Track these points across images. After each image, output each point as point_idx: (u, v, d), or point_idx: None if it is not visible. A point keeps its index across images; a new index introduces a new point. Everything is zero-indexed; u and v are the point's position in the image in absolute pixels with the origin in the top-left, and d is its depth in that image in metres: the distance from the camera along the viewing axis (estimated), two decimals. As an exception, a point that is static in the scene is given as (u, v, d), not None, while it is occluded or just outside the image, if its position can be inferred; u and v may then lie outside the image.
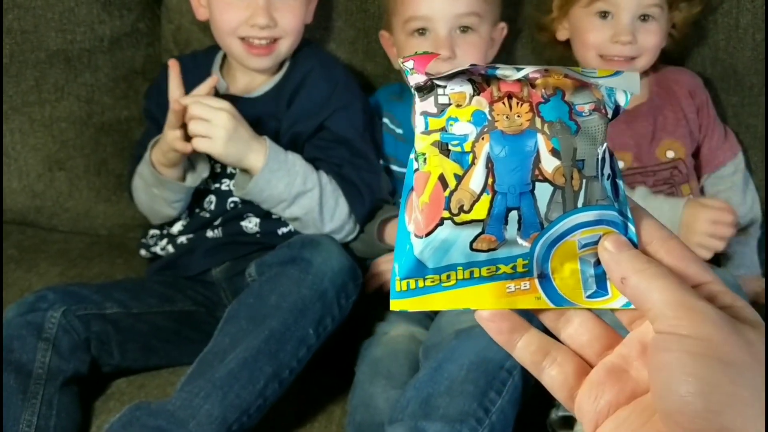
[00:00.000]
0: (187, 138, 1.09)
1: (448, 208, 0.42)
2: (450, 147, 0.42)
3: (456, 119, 0.42)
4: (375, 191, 1.19)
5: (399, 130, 1.25)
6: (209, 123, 1.07)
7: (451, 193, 0.41)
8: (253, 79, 1.23)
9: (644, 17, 1.19)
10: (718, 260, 1.19)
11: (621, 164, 1.20)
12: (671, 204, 1.12)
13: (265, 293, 1.00)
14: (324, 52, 1.29)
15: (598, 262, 0.42)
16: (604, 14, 1.19)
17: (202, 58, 1.28)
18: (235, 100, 1.21)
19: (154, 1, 1.39)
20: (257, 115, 1.19)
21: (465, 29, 1.17)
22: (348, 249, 1.15)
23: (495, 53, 1.24)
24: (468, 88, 0.43)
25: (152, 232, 1.25)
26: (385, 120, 1.26)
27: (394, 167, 1.25)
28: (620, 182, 0.43)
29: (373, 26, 1.31)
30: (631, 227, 0.42)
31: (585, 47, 1.21)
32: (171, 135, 1.09)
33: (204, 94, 1.10)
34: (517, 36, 1.33)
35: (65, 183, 1.39)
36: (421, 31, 1.17)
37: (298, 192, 1.12)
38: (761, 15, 1.27)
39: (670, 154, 1.23)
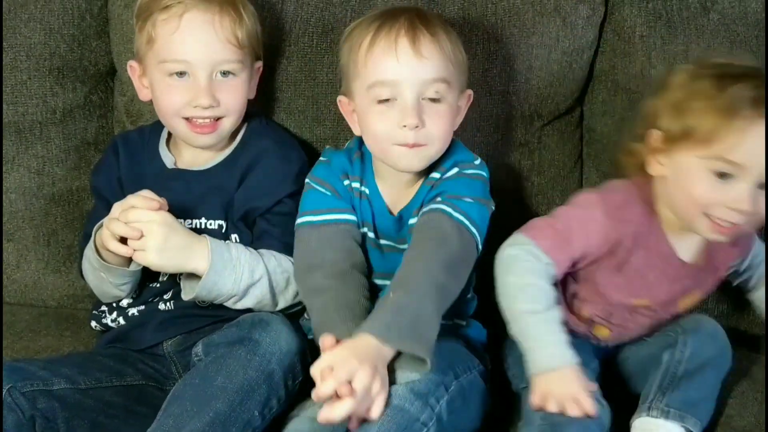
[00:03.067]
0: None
1: None
2: None
3: None
4: None
5: (365, 189, 1.18)
6: (144, 233, 1.07)
7: None
8: (200, 153, 1.25)
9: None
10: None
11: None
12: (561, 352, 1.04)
13: (211, 374, 0.99)
14: (280, 131, 1.31)
15: None
16: (722, 175, 1.03)
17: (148, 134, 1.29)
18: (183, 174, 1.23)
19: (108, 73, 1.41)
20: (205, 187, 1.20)
21: (434, 100, 1.10)
22: (300, 328, 1.14)
23: (461, 122, 1.20)
24: None
25: (103, 305, 1.24)
26: (354, 183, 1.17)
27: (369, 232, 1.17)
28: None
29: (322, 93, 1.34)
30: None
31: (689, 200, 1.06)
32: (111, 244, 1.09)
33: (145, 200, 1.08)
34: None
35: (13, 254, 1.38)
36: (387, 100, 1.09)
37: (248, 285, 1.12)
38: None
39: (684, 305, 1.18)
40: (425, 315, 0.99)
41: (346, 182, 1.18)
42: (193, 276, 1.12)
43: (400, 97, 1.08)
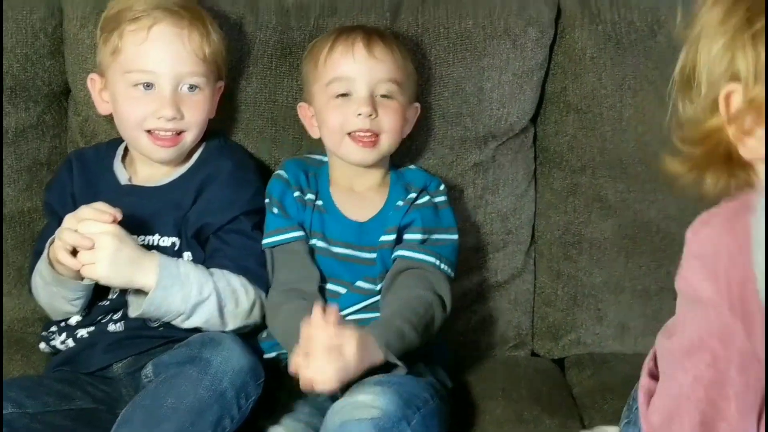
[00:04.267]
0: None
1: None
2: None
3: None
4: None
5: (319, 202, 1.25)
6: (94, 247, 1.07)
7: None
8: (157, 170, 1.25)
9: None
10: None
11: None
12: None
13: (161, 395, 0.98)
14: (239, 152, 1.31)
15: None
16: None
17: (104, 151, 1.29)
18: (137, 190, 1.23)
19: (62, 93, 1.39)
20: (159, 203, 1.20)
21: (385, 96, 1.20)
22: (252, 345, 1.14)
23: (408, 131, 1.28)
24: None
25: (52, 326, 1.22)
26: (308, 195, 1.24)
27: (318, 242, 1.22)
28: None
29: (281, 115, 1.34)
30: None
31: None
32: (61, 255, 1.09)
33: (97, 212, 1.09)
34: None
35: (-39, 276, 1.35)
36: (344, 95, 1.19)
37: (195, 303, 1.12)
38: (641, 110, 1.38)
39: None
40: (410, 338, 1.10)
41: (297, 194, 1.23)
42: (141, 293, 1.11)
43: (355, 92, 1.19)
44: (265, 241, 1.22)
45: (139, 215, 1.18)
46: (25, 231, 1.37)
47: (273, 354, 1.20)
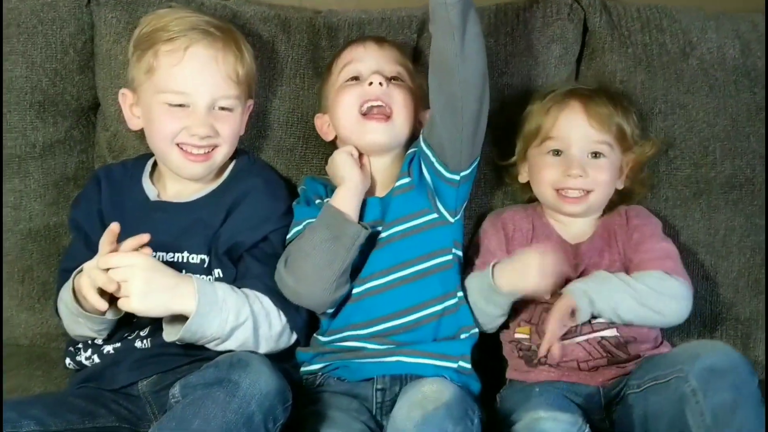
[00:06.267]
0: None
1: None
2: None
3: None
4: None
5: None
6: (124, 280, 1.04)
7: None
8: (186, 186, 1.24)
9: (595, 155, 1.24)
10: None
11: None
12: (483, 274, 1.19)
13: (188, 417, 0.96)
14: (269, 169, 1.31)
15: None
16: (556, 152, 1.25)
17: (132, 167, 1.28)
18: (166, 206, 1.22)
19: (90, 108, 1.40)
20: (188, 220, 1.19)
21: (395, 78, 1.23)
22: (282, 367, 1.11)
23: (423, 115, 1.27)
24: None
25: (78, 342, 1.21)
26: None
27: None
28: None
29: (313, 134, 1.34)
30: None
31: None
32: (89, 295, 1.06)
33: (127, 249, 1.06)
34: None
35: (-15, 290, 1.34)
36: (355, 78, 1.23)
37: (233, 327, 1.10)
38: (673, 134, 1.37)
39: None
40: None
41: (318, 201, 1.24)
42: (176, 318, 1.09)
43: (366, 70, 1.22)
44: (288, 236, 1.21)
45: (168, 232, 1.17)
46: (51, 246, 1.37)
47: (316, 366, 1.19)
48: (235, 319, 1.10)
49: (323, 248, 1.12)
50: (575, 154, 1.23)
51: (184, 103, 1.17)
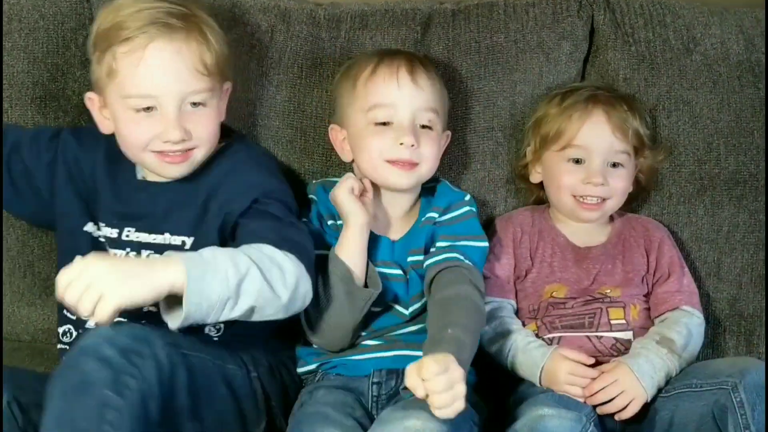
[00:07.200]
0: None
1: None
2: None
3: None
4: (311, 250, 1.13)
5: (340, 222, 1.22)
6: (87, 286, 0.92)
7: None
8: None
9: (614, 164, 1.25)
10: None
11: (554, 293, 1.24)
12: (541, 353, 1.17)
13: None
14: (254, 146, 1.28)
15: None
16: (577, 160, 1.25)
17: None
18: (148, 186, 1.17)
19: (91, 103, 1.39)
20: (169, 200, 1.15)
21: (425, 126, 1.19)
22: (281, 361, 1.11)
23: (440, 157, 1.25)
24: None
25: (65, 324, 1.18)
26: (340, 222, 1.21)
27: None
28: None
29: (310, 126, 1.34)
30: None
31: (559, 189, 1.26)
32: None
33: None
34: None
35: (-14, 286, 1.34)
36: (384, 124, 1.18)
37: (238, 282, 0.98)
38: (676, 131, 1.36)
39: (607, 291, 1.24)
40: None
41: (330, 222, 1.22)
42: (173, 305, 0.98)
43: (397, 120, 1.18)
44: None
45: (150, 213, 1.14)
46: (52, 241, 1.36)
47: (313, 366, 1.19)
48: (236, 270, 0.98)
49: (336, 307, 1.14)
50: (597, 164, 1.24)
51: (152, 106, 1.09)
